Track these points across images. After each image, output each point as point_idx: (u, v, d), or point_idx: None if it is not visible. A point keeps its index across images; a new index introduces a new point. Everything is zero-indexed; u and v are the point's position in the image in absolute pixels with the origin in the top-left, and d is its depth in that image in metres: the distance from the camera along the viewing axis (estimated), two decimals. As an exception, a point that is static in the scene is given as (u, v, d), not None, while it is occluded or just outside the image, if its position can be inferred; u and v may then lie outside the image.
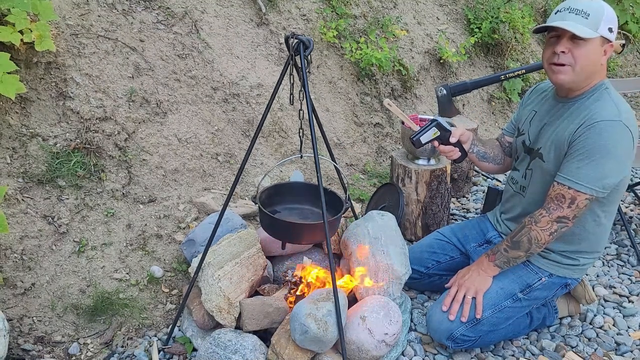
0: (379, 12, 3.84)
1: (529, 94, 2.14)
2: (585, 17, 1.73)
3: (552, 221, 1.82)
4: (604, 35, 1.74)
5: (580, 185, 1.76)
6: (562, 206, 1.80)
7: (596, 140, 1.73)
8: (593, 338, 2.21)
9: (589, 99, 1.83)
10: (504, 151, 2.26)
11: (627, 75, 5.34)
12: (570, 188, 1.77)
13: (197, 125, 2.76)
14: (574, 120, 1.82)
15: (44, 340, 2.07)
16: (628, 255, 2.80)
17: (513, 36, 4.36)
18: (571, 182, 1.77)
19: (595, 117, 1.75)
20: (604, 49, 1.77)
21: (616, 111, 1.76)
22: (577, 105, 1.85)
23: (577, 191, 1.77)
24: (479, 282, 1.99)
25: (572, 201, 1.78)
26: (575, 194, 1.77)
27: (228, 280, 1.99)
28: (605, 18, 1.73)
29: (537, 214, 1.86)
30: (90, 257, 2.27)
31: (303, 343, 1.81)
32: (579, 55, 1.75)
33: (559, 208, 1.80)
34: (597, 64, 1.78)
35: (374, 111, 3.59)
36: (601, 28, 1.72)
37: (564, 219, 1.81)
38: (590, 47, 1.74)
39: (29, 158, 2.31)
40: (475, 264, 2.05)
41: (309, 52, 1.77)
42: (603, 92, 1.82)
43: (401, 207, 2.64)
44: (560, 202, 1.80)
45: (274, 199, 2.14)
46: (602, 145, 1.72)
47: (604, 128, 1.73)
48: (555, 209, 1.81)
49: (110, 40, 2.65)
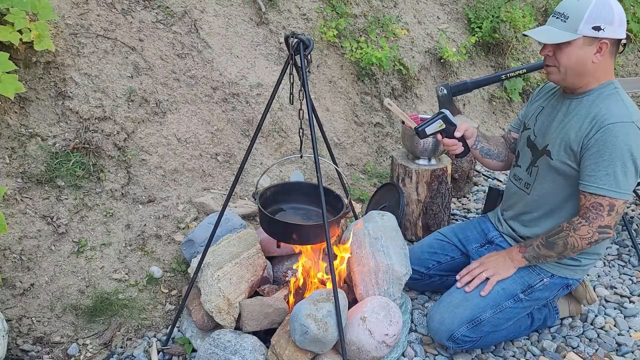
0: (379, 12, 3.83)
1: (538, 91, 2.14)
2: (563, 20, 1.77)
3: (593, 231, 1.80)
4: (587, 34, 1.73)
5: (615, 192, 1.75)
6: (601, 214, 1.77)
7: (614, 143, 1.72)
8: (594, 339, 2.20)
9: (597, 97, 1.82)
10: (509, 148, 2.26)
11: (628, 74, 5.32)
12: (605, 196, 1.75)
13: (196, 125, 2.75)
14: (584, 119, 1.81)
15: (43, 341, 2.07)
16: (629, 256, 2.79)
17: (514, 35, 4.35)
18: (605, 190, 1.75)
19: (608, 117, 1.75)
20: (595, 48, 1.76)
21: (627, 112, 1.75)
22: (585, 101, 1.84)
23: (612, 198, 1.75)
24: (502, 267, 2.00)
25: (610, 208, 1.76)
26: (612, 201, 1.76)
27: (228, 281, 1.99)
28: (588, 17, 1.72)
29: (576, 221, 1.82)
30: (90, 258, 2.26)
31: (303, 344, 1.80)
32: (560, 57, 1.79)
33: (599, 217, 1.78)
34: (587, 63, 1.78)
35: (374, 111, 3.59)
36: (582, 28, 1.72)
37: (606, 228, 1.79)
38: (572, 49, 1.76)
39: (28, 158, 2.30)
40: (504, 250, 2.06)
41: (309, 52, 1.76)
42: (612, 92, 1.81)
43: (401, 207, 2.63)
44: (598, 211, 1.77)
45: (280, 197, 2.13)
46: (621, 149, 1.72)
47: (619, 130, 1.72)
48: (595, 218, 1.78)
49: (109, 40, 2.64)
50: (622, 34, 1.77)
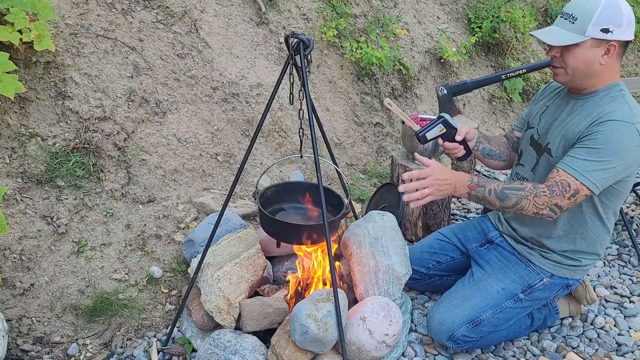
0: (379, 11, 3.83)
1: (542, 90, 2.14)
2: (572, 21, 1.75)
3: (548, 205, 1.78)
4: (595, 37, 1.72)
5: (587, 179, 1.73)
6: (565, 194, 1.75)
7: (607, 137, 1.71)
8: (594, 339, 2.21)
9: (602, 99, 1.81)
10: (511, 147, 2.25)
11: (628, 74, 5.32)
12: (577, 179, 1.73)
13: (196, 125, 2.75)
14: (586, 117, 1.80)
15: (43, 341, 2.07)
16: (629, 256, 2.79)
17: (514, 35, 4.35)
18: (577, 174, 1.73)
19: (609, 115, 1.74)
20: (603, 50, 1.75)
21: (630, 114, 1.75)
22: (590, 102, 1.84)
23: (582, 184, 1.73)
24: (443, 190, 1.83)
25: (574, 193, 1.75)
26: (580, 187, 1.74)
27: (227, 281, 1.99)
28: (597, 20, 1.70)
29: (540, 188, 1.78)
30: (89, 258, 2.26)
31: (303, 344, 1.80)
32: (567, 58, 1.78)
33: (561, 196, 1.76)
34: (594, 64, 1.77)
35: (374, 111, 3.58)
36: (590, 30, 1.71)
37: (557, 208, 1.78)
38: (579, 51, 1.75)
39: (28, 158, 2.30)
40: (455, 174, 1.87)
41: (309, 52, 1.76)
42: (618, 94, 1.81)
43: (401, 207, 2.63)
44: (564, 189, 1.75)
45: (282, 197, 2.13)
46: (613, 146, 1.71)
47: (617, 127, 1.72)
48: (557, 194, 1.76)
49: (109, 40, 2.64)
50: (630, 35, 1.76)
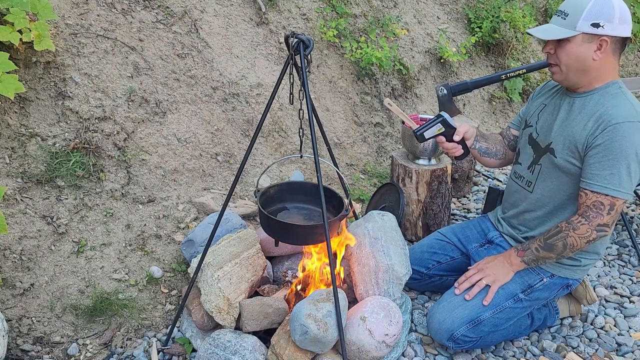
0: (379, 11, 3.83)
1: (540, 89, 2.14)
2: (563, 17, 1.79)
3: (592, 229, 1.81)
4: (586, 31, 1.74)
5: (618, 191, 1.75)
6: (601, 213, 1.78)
7: (621, 143, 1.72)
8: (594, 339, 2.20)
9: (602, 97, 1.82)
10: (507, 145, 2.26)
11: (628, 74, 5.32)
12: (608, 195, 1.76)
13: (196, 125, 2.75)
14: (590, 118, 1.80)
15: (43, 341, 2.07)
16: (629, 256, 2.79)
17: (514, 35, 4.35)
18: (608, 190, 1.75)
19: (614, 117, 1.74)
20: (595, 45, 1.76)
21: (634, 111, 1.75)
22: (590, 100, 1.84)
23: (614, 197, 1.76)
24: (501, 272, 1.99)
25: (611, 207, 1.77)
26: (614, 200, 1.76)
27: (227, 281, 1.99)
28: (587, 14, 1.72)
29: (575, 221, 1.83)
30: (89, 258, 2.26)
31: (303, 344, 1.80)
32: (560, 54, 1.80)
33: (599, 215, 1.78)
34: (587, 60, 1.78)
35: (374, 111, 3.58)
36: (580, 25, 1.73)
37: (604, 227, 1.80)
38: (571, 46, 1.77)
39: (28, 158, 2.30)
40: (502, 255, 2.03)
41: (309, 52, 1.76)
42: (617, 92, 1.81)
43: (401, 207, 2.63)
44: (599, 210, 1.78)
45: (285, 196, 2.13)
46: (628, 149, 1.72)
47: (627, 130, 1.72)
48: (594, 216, 1.79)
49: (109, 40, 2.64)
50: (624, 32, 1.76)
